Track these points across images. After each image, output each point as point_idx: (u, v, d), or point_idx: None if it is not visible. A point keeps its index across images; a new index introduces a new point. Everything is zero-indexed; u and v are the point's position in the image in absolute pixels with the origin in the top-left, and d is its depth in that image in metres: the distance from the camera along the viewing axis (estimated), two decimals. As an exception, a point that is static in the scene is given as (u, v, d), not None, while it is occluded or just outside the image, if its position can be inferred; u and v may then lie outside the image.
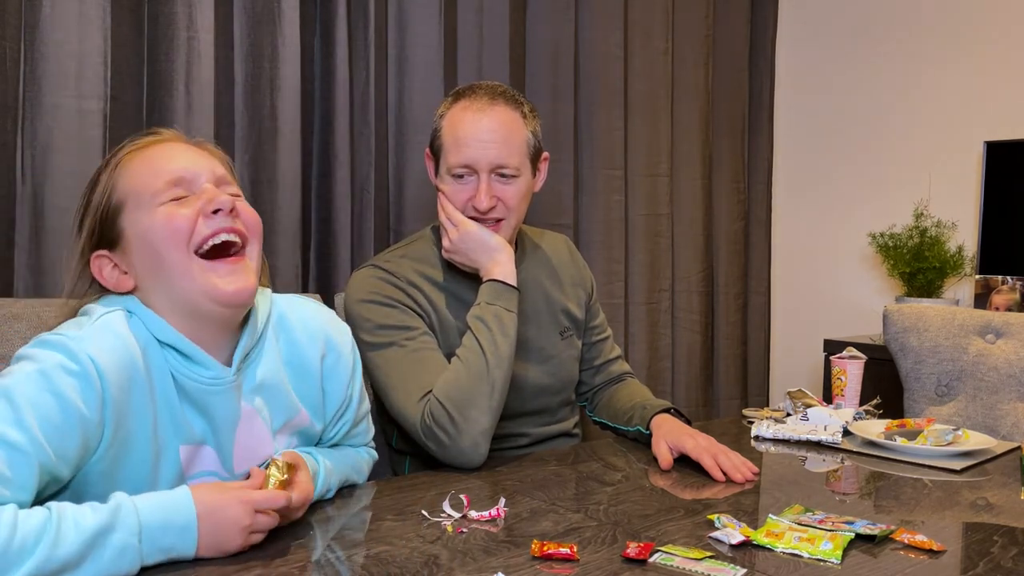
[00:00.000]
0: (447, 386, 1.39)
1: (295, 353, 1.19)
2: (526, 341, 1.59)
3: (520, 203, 1.54)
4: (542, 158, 1.61)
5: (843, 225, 3.14)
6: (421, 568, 0.95)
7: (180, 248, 1.05)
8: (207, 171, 1.10)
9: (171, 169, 1.08)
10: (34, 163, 1.66)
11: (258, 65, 1.95)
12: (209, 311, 1.06)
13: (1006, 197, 2.63)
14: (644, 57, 2.71)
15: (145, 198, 1.06)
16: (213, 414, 1.09)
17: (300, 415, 1.19)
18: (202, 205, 1.06)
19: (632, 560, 0.98)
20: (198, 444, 1.09)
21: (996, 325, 2.11)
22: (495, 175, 1.50)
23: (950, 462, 1.47)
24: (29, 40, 1.65)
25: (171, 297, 1.06)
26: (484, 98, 1.52)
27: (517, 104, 1.54)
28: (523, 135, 1.53)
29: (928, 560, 1.02)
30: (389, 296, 1.50)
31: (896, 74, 3.00)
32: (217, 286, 1.05)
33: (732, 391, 3.04)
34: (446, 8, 2.21)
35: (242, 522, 0.97)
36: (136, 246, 1.06)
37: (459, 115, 1.51)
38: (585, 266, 1.80)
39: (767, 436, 1.63)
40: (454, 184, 1.52)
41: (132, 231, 1.07)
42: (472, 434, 1.36)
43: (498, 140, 1.49)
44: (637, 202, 2.73)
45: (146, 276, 1.07)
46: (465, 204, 1.51)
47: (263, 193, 1.96)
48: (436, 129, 1.56)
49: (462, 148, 1.49)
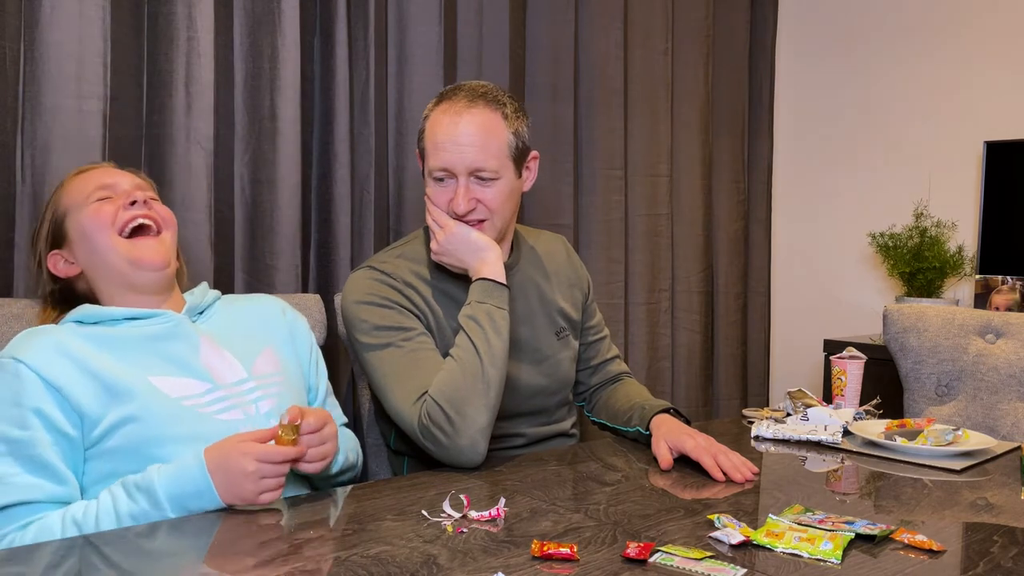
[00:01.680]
0: (443, 386, 1.39)
1: (254, 312, 1.46)
2: (521, 341, 1.59)
3: (503, 204, 1.53)
4: (530, 157, 1.60)
5: (843, 225, 3.14)
6: (421, 568, 0.95)
7: (106, 231, 1.33)
8: (127, 180, 1.39)
9: (98, 179, 1.38)
10: (34, 163, 1.66)
11: (258, 65, 1.95)
12: (136, 278, 1.33)
13: (1006, 197, 2.63)
14: (644, 57, 2.71)
15: (79, 201, 1.36)
16: (173, 350, 1.29)
17: (267, 352, 1.40)
18: (122, 200, 1.35)
19: (632, 560, 0.98)
20: (167, 375, 1.26)
21: (996, 325, 2.11)
22: (474, 178, 1.50)
23: (950, 462, 1.47)
24: (29, 40, 1.65)
25: (108, 275, 1.33)
26: (463, 100, 1.51)
27: (498, 105, 1.53)
28: (503, 137, 1.51)
29: (928, 560, 1.02)
30: (386, 297, 1.51)
31: (896, 74, 3.00)
32: (136, 254, 1.32)
33: (732, 391, 3.04)
34: (446, 8, 2.21)
35: (246, 469, 1.12)
36: (77, 238, 1.35)
37: (438, 118, 1.51)
38: (582, 266, 1.79)
39: (767, 436, 1.63)
40: (435, 187, 1.53)
41: (73, 229, 1.35)
42: (470, 433, 1.36)
43: (475, 144, 1.48)
44: (637, 202, 2.73)
45: (87, 261, 1.34)
46: (447, 207, 1.52)
47: (263, 193, 1.96)
48: (421, 131, 1.56)
49: (440, 152, 1.49)
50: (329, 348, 1.88)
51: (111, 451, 1.19)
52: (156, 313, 1.32)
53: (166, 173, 1.82)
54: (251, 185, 1.96)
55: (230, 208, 1.93)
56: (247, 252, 1.96)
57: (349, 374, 1.99)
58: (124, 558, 1.00)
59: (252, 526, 1.09)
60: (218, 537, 1.07)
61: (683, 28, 2.83)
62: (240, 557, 0.99)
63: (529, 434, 1.62)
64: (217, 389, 1.29)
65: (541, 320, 1.65)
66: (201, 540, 1.06)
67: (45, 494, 1.15)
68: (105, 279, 1.34)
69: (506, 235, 1.61)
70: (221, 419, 1.26)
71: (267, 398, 1.33)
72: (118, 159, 1.73)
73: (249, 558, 0.98)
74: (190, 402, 1.25)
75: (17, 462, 1.14)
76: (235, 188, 1.94)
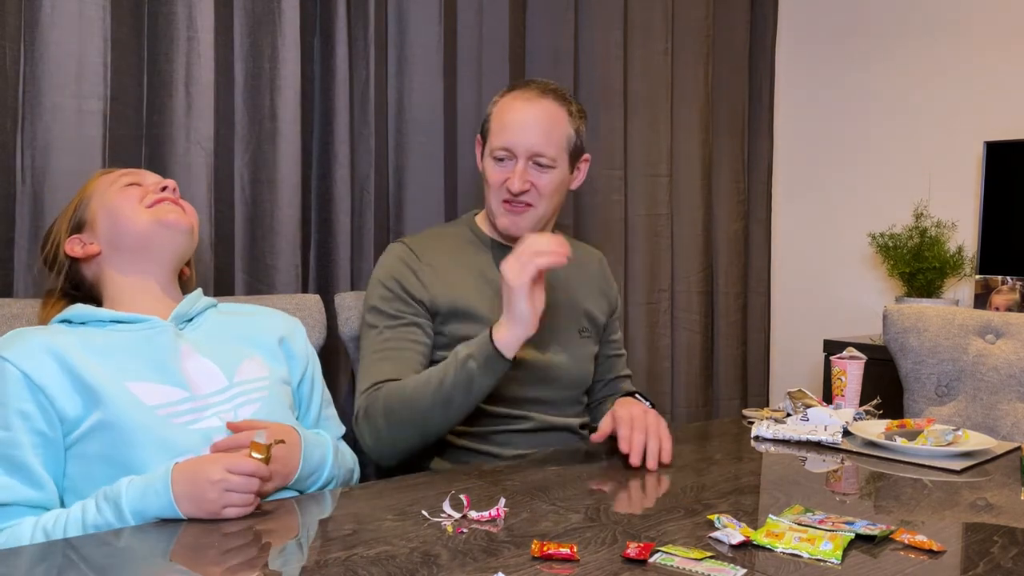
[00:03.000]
0: (395, 392, 1.46)
1: (249, 323, 1.42)
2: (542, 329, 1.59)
3: (552, 193, 1.63)
4: (583, 158, 1.70)
5: (843, 225, 3.14)
6: (421, 568, 0.95)
7: (133, 204, 1.35)
8: (154, 176, 1.42)
9: (125, 171, 1.42)
10: (34, 163, 1.66)
11: (258, 65, 1.95)
12: (159, 239, 1.34)
13: (1006, 197, 2.63)
14: (644, 57, 2.71)
15: (104, 188, 1.38)
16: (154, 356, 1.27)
17: (254, 359, 1.37)
18: (151, 185, 1.38)
19: (632, 560, 0.98)
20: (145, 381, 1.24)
21: (996, 325, 2.11)
22: (532, 162, 1.59)
23: (950, 462, 1.47)
24: (29, 40, 1.65)
25: (129, 243, 1.34)
26: (535, 91, 1.63)
27: (565, 102, 1.64)
28: (565, 130, 1.62)
29: (928, 560, 1.02)
30: (396, 279, 1.60)
31: (896, 74, 3.00)
32: (160, 215, 1.35)
33: (732, 391, 3.04)
34: (446, 8, 2.21)
35: (212, 476, 1.09)
36: (100, 216, 1.36)
37: (509, 103, 1.63)
38: (614, 283, 1.87)
39: (767, 436, 1.63)
40: (494, 165, 1.62)
41: (98, 208, 1.37)
42: (395, 443, 1.47)
43: (541, 130, 1.59)
44: (637, 202, 2.73)
45: (108, 232, 1.35)
46: (501, 185, 1.61)
47: (263, 193, 1.96)
48: (487, 115, 1.66)
49: (505, 132, 1.59)
50: (329, 348, 1.88)
51: (86, 455, 1.19)
52: (142, 318, 1.31)
53: (166, 173, 1.81)
54: (251, 185, 1.96)
55: (230, 208, 1.93)
56: (247, 252, 1.96)
57: (349, 374, 1.99)
58: (129, 556, 1.00)
59: (252, 526, 1.09)
60: (218, 537, 1.07)
61: (683, 28, 2.83)
62: (240, 557, 0.99)
63: (536, 419, 1.64)
64: (193, 399, 1.26)
65: (565, 312, 1.69)
66: (201, 540, 1.06)
67: (18, 497, 1.14)
68: (120, 252, 1.35)
69: (545, 228, 1.69)
70: (193, 429, 1.23)
71: (249, 403, 1.30)
72: (118, 159, 1.74)
73: (249, 557, 0.98)
74: (165, 411, 1.22)
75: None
76: (235, 188, 1.94)
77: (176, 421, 1.22)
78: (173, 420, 1.22)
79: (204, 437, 1.22)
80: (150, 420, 1.20)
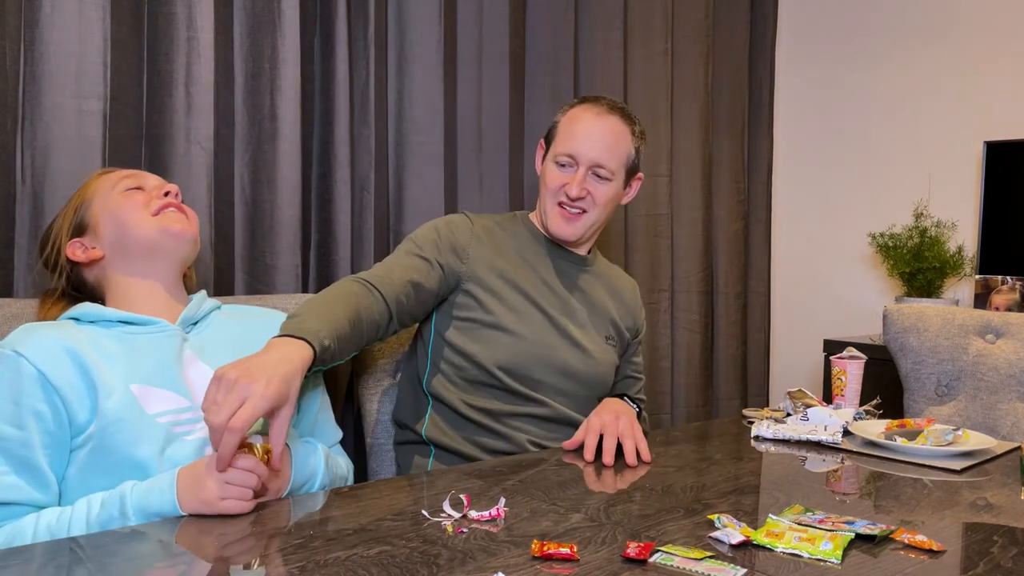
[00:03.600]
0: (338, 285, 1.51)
1: (252, 327, 1.40)
2: (571, 325, 1.70)
3: (605, 204, 1.72)
4: (636, 176, 1.80)
5: (843, 225, 3.14)
6: (421, 568, 0.95)
7: (138, 210, 1.35)
8: (155, 179, 1.42)
9: (125, 174, 1.41)
10: (34, 163, 1.66)
11: (258, 65, 1.95)
12: (165, 247, 1.35)
13: (1006, 197, 2.63)
14: (644, 57, 2.71)
15: (106, 190, 1.38)
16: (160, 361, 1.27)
17: None
18: (155, 192, 1.38)
19: (632, 560, 0.98)
20: (149, 385, 1.24)
21: (996, 325, 2.11)
22: (592, 172, 1.69)
23: (950, 462, 1.47)
24: (29, 40, 1.65)
25: (133, 248, 1.34)
26: (605, 106, 1.73)
27: (630, 121, 1.75)
28: (627, 147, 1.73)
29: (928, 560, 1.02)
30: (444, 233, 1.68)
31: (896, 74, 3.00)
32: (164, 223, 1.35)
33: (732, 391, 3.04)
34: (446, 8, 2.21)
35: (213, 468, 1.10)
36: (103, 220, 1.36)
37: (579, 114, 1.72)
38: (643, 311, 1.92)
39: (767, 436, 1.63)
40: (555, 170, 1.71)
41: (100, 212, 1.36)
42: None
43: (605, 143, 1.69)
44: (637, 202, 2.73)
45: (112, 237, 1.35)
46: (559, 189, 1.69)
47: (263, 193, 1.96)
48: (555, 122, 1.76)
49: (572, 140, 1.69)
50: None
51: (86, 457, 1.19)
52: (151, 321, 1.31)
53: (166, 173, 1.82)
54: (251, 185, 1.96)
55: (230, 208, 1.93)
56: (247, 252, 1.96)
57: (348, 377, 1.99)
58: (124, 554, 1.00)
59: (252, 526, 1.09)
60: (218, 537, 1.07)
61: (683, 28, 2.83)
62: (240, 557, 0.99)
63: (552, 407, 1.66)
64: (192, 409, 1.26)
65: (596, 318, 1.76)
66: (200, 540, 1.06)
67: (24, 497, 1.14)
68: (125, 258, 1.34)
69: (592, 238, 1.79)
70: (190, 440, 1.24)
71: None
72: (118, 159, 1.74)
73: (249, 558, 0.98)
74: (165, 419, 1.23)
75: (6, 460, 1.14)
76: (235, 188, 1.94)
77: (175, 430, 1.23)
78: (172, 429, 1.23)
79: (197, 448, 1.23)
80: (150, 427, 1.20)
